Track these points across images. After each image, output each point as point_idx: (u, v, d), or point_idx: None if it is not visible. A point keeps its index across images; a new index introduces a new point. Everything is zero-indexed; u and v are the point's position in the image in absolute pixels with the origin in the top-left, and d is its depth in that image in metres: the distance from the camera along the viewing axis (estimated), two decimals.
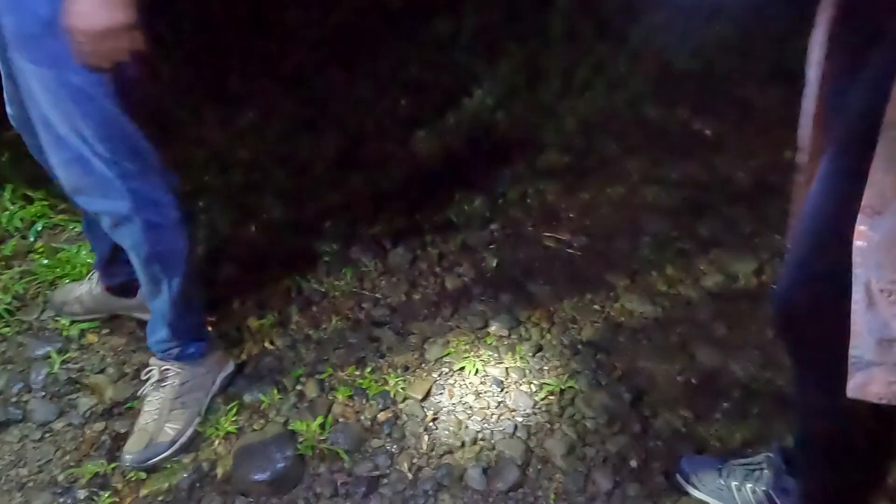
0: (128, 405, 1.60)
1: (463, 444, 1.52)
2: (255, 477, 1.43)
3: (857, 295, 0.90)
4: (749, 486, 1.28)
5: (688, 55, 2.89)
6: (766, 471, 1.28)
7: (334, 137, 2.41)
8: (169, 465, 1.48)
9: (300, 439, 1.51)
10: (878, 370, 0.91)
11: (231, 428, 1.54)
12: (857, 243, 0.88)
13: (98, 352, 1.72)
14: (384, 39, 2.78)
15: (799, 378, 1.10)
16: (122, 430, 1.54)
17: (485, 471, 1.46)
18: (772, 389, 1.62)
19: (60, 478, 1.46)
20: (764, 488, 1.26)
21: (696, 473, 1.36)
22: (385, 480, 1.46)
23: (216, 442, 1.53)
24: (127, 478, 1.46)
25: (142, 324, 1.71)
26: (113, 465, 1.48)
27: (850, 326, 0.91)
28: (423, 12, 2.80)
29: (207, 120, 2.42)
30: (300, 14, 2.73)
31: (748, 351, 1.73)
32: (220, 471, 1.48)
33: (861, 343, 0.91)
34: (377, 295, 1.90)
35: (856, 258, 0.88)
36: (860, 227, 0.87)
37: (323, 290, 1.92)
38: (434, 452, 1.51)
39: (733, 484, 1.30)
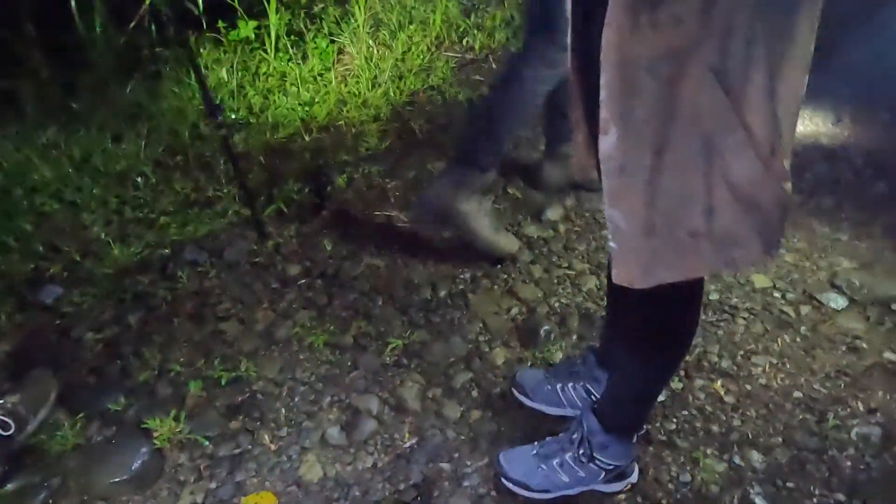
0: None
1: (320, 408, 1.60)
2: (113, 479, 1.42)
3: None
4: (570, 384, 1.48)
5: (484, 38, 3.16)
6: (583, 369, 1.49)
7: (155, 141, 2.39)
8: (14, 489, 1.42)
9: (155, 435, 1.51)
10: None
11: (79, 440, 1.51)
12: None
13: None
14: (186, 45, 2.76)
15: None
16: None
17: (343, 427, 1.56)
18: (582, 312, 1.85)
19: None
20: (582, 383, 1.47)
21: (528, 385, 1.54)
22: (248, 455, 1.50)
23: (64, 457, 1.49)
24: None
25: None
26: None
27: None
28: (228, 16, 2.83)
29: None
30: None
31: (562, 285, 1.96)
32: (72, 484, 1.44)
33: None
34: (217, 291, 1.93)
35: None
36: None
37: (160, 293, 1.90)
38: (293, 421, 1.58)
39: (558, 386, 1.50)
